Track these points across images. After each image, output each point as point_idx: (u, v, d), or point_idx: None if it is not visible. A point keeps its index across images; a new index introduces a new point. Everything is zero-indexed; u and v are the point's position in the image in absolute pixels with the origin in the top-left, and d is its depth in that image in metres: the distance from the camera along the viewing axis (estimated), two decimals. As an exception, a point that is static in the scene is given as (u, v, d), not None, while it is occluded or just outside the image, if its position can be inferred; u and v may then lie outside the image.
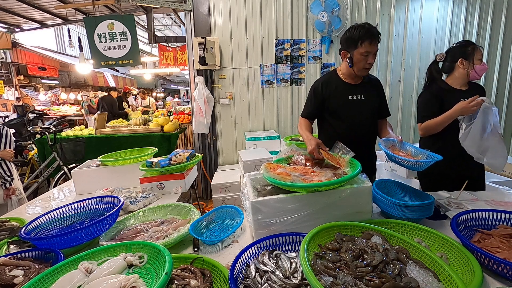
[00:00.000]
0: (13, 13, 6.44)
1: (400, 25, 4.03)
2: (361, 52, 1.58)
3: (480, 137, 1.54)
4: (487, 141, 1.54)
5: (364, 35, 1.56)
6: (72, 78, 10.72)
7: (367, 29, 1.57)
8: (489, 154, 1.54)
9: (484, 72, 1.78)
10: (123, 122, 4.82)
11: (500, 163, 1.54)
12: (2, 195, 2.50)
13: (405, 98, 4.24)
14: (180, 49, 7.22)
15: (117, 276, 0.86)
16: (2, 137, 2.49)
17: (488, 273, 0.95)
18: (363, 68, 1.64)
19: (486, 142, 1.54)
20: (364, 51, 1.57)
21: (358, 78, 1.75)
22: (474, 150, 1.56)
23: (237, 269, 0.96)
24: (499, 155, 1.53)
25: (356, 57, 1.62)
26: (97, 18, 3.83)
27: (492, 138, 1.53)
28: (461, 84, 1.81)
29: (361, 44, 1.57)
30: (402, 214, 1.27)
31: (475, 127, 1.54)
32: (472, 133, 1.56)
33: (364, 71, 1.67)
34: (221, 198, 3.20)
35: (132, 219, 1.49)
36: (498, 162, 1.54)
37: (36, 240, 1.13)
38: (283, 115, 4.16)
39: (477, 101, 1.56)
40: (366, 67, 1.63)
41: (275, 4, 3.83)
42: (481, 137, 1.54)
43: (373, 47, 1.57)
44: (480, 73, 1.77)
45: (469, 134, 1.57)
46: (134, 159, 2.21)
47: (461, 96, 1.75)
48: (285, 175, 1.27)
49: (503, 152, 1.53)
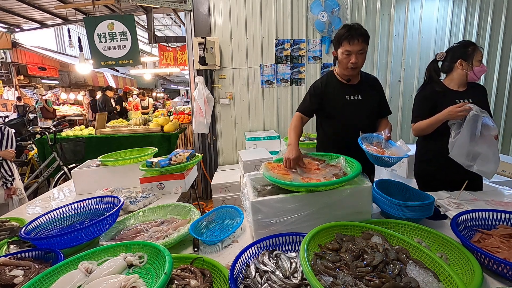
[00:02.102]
0: (13, 13, 6.43)
1: (400, 25, 4.03)
2: (342, 51, 1.61)
3: (468, 146, 1.52)
4: (476, 148, 1.51)
5: (344, 34, 1.58)
6: (72, 78, 10.71)
7: (348, 28, 1.58)
8: (479, 162, 1.52)
9: (482, 73, 1.77)
10: (123, 122, 4.82)
11: (491, 170, 1.51)
12: (3, 194, 2.50)
13: (405, 98, 4.24)
14: (180, 49, 7.22)
15: (117, 276, 0.86)
16: (4, 137, 2.49)
17: (488, 273, 0.95)
18: (346, 67, 1.65)
19: (475, 150, 1.52)
20: (345, 50, 1.59)
21: (355, 78, 1.75)
22: (463, 158, 1.55)
23: (237, 269, 0.96)
24: (489, 162, 1.49)
25: (339, 56, 1.65)
26: (97, 18, 3.83)
27: (481, 146, 1.50)
28: (459, 84, 1.79)
29: (342, 43, 1.60)
30: (402, 214, 1.27)
31: (462, 135, 1.53)
32: (459, 142, 1.54)
33: (348, 71, 1.66)
34: (221, 198, 3.20)
35: (132, 219, 1.49)
36: (488, 169, 1.51)
37: (36, 240, 1.14)
38: (283, 115, 4.16)
39: (465, 107, 1.54)
40: (349, 66, 1.63)
41: (275, 4, 3.83)
42: (468, 146, 1.52)
43: (353, 46, 1.57)
44: (478, 74, 1.75)
45: (456, 142, 1.55)
46: (134, 159, 2.21)
47: (457, 97, 1.75)
48: (286, 174, 1.28)
49: (494, 158, 1.49)
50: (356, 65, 1.62)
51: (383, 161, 1.47)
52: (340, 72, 1.73)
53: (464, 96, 1.75)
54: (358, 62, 1.62)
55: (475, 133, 1.51)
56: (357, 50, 1.58)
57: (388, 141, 1.59)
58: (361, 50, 1.60)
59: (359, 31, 1.57)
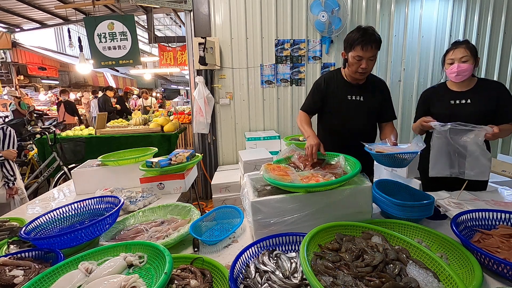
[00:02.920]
0: (13, 13, 6.43)
1: (400, 25, 4.03)
2: (353, 55, 1.58)
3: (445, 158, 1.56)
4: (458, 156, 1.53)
5: (357, 39, 1.53)
6: (72, 78, 10.71)
7: (362, 33, 1.54)
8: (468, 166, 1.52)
9: (454, 74, 1.68)
10: (123, 122, 4.82)
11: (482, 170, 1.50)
12: (5, 194, 2.51)
13: (405, 98, 4.24)
14: (180, 49, 7.22)
15: (117, 276, 0.86)
16: (6, 137, 2.51)
17: (488, 273, 0.95)
18: (355, 72, 1.63)
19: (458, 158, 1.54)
20: (356, 55, 1.56)
21: (360, 79, 1.73)
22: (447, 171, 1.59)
23: (237, 269, 0.96)
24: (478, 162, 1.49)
25: (350, 60, 1.62)
26: (97, 18, 3.83)
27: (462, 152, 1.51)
28: (458, 85, 1.75)
29: (354, 47, 1.56)
30: (402, 214, 1.27)
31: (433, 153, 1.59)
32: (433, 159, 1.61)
33: (357, 75, 1.64)
34: (221, 198, 3.20)
35: (132, 219, 1.49)
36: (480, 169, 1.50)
37: (36, 240, 1.13)
38: (283, 115, 4.16)
39: (426, 125, 1.63)
40: (358, 71, 1.61)
41: (275, 4, 3.83)
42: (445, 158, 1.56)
43: (366, 52, 1.54)
44: (450, 76, 1.71)
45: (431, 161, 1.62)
46: (134, 159, 2.21)
47: (453, 98, 1.75)
48: (285, 176, 1.27)
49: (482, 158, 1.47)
50: (366, 70, 1.61)
51: (397, 159, 1.40)
52: (349, 74, 1.72)
53: (461, 97, 1.73)
54: (368, 68, 1.60)
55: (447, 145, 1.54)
56: (368, 56, 1.56)
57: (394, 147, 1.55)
58: (372, 56, 1.58)
59: (373, 37, 1.54)
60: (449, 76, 1.73)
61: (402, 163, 1.42)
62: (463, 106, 1.73)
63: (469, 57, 1.65)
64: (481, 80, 1.75)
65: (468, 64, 1.65)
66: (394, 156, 1.39)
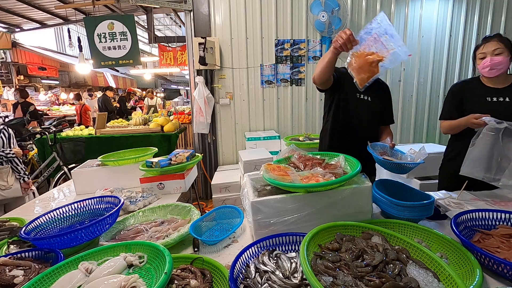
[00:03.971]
0: (13, 13, 6.43)
1: (400, 25, 4.03)
2: None
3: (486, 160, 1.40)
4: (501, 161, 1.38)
5: None
6: (72, 78, 10.71)
7: None
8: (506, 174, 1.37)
9: (487, 69, 1.55)
10: (123, 122, 4.82)
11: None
12: (20, 188, 2.59)
13: (405, 98, 4.24)
14: (180, 49, 7.22)
15: (117, 276, 0.86)
16: (11, 136, 2.57)
17: (488, 273, 0.95)
18: None
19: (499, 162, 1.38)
20: None
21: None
22: (480, 173, 1.42)
23: (237, 269, 0.96)
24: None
25: None
26: (97, 18, 3.83)
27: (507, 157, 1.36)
28: (494, 81, 1.61)
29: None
30: (402, 214, 1.27)
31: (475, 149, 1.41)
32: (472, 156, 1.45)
33: None
34: (221, 198, 3.20)
35: (132, 219, 1.49)
36: None
37: (36, 240, 1.13)
38: (283, 115, 4.16)
39: (479, 121, 1.43)
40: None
41: (275, 4, 3.83)
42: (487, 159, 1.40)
43: None
44: (483, 71, 1.59)
45: (469, 157, 1.46)
46: (134, 159, 2.21)
47: (489, 94, 1.60)
48: (285, 176, 1.27)
49: None
50: None
51: (401, 167, 1.44)
52: None
53: (500, 94, 1.57)
54: None
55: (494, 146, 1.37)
56: None
57: (393, 148, 1.61)
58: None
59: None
60: (482, 72, 1.60)
61: (404, 170, 1.47)
62: (503, 104, 1.56)
63: (503, 49, 1.51)
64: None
65: (502, 56, 1.51)
66: (399, 164, 1.43)
